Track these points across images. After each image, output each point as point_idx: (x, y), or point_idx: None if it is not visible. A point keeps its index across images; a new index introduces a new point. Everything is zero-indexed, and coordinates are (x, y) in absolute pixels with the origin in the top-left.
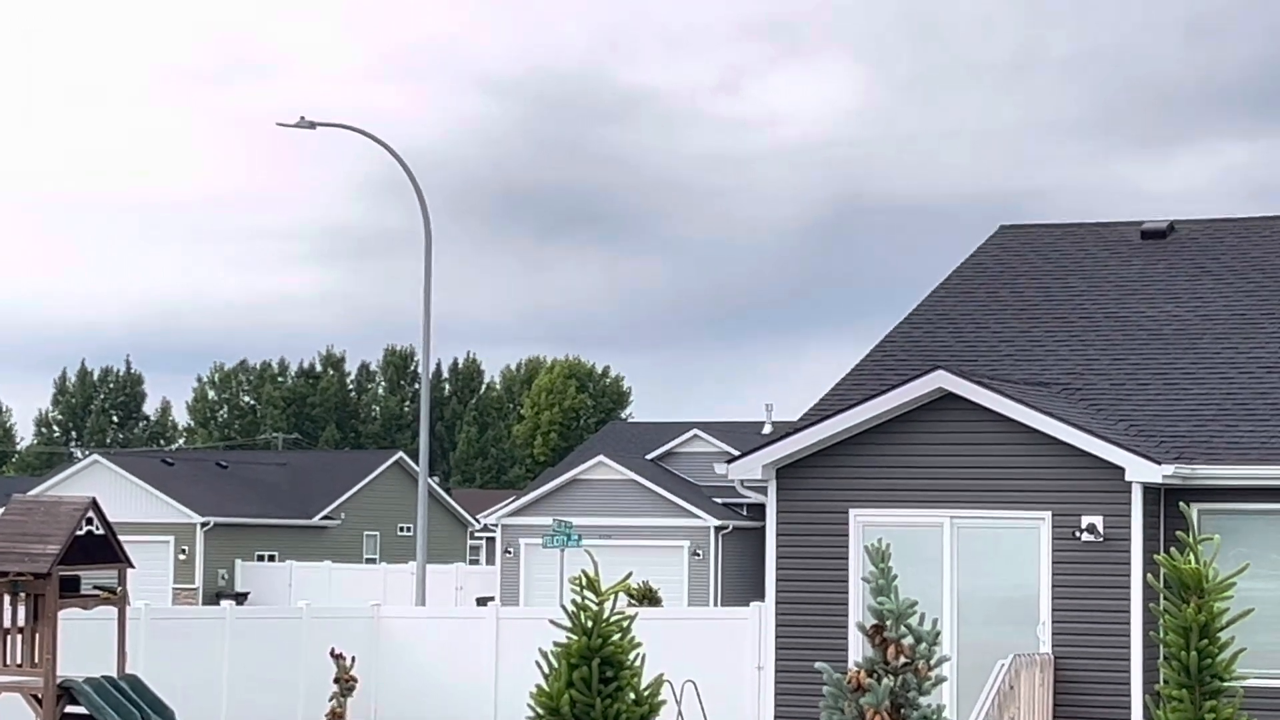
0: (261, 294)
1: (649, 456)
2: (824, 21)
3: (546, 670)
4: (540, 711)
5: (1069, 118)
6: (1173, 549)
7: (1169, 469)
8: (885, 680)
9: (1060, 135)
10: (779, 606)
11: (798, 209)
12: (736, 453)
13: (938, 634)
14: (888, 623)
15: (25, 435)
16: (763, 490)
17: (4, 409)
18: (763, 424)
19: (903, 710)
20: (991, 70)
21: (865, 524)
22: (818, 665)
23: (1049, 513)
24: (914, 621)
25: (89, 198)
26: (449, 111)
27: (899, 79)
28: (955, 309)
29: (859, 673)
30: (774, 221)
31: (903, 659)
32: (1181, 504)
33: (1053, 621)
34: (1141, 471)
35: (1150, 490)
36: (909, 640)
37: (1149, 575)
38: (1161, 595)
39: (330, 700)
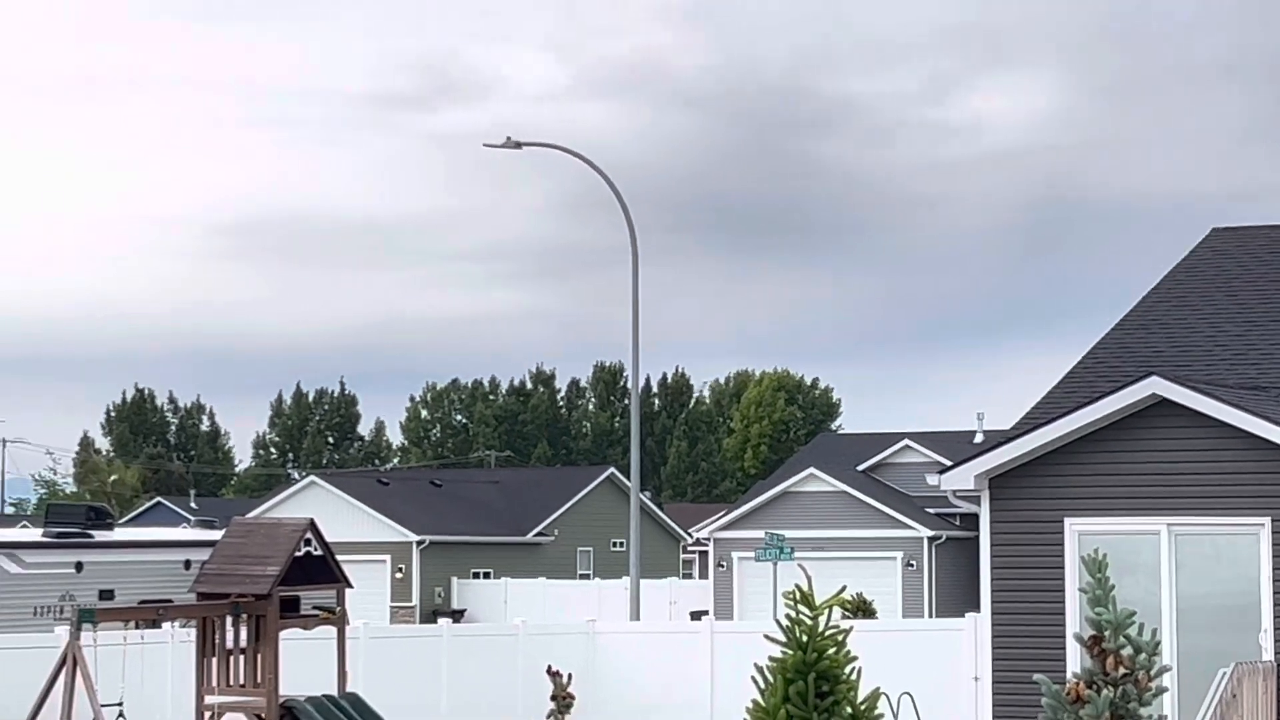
0: (472, 313)
1: (860, 468)
2: (1027, 27)
3: (762, 685)
4: None
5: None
6: None
7: None
8: (1105, 692)
9: (1272, 135)
10: (995, 617)
11: (1004, 215)
12: (948, 463)
13: (1157, 644)
14: (1106, 633)
15: (244, 458)
16: (975, 500)
17: (223, 432)
18: (974, 433)
19: None
20: (1200, 71)
21: (1080, 533)
22: (1036, 677)
23: (1269, 519)
24: (1133, 631)
25: (302, 222)
26: (654, 127)
27: (1105, 82)
28: (1168, 313)
29: (1078, 684)
30: (980, 228)
31: (1122, 670)
32: None
33: (1275, 629)
34: None
35: None
36: (1128, 651)
37: None
38: None
39: (548, 717)
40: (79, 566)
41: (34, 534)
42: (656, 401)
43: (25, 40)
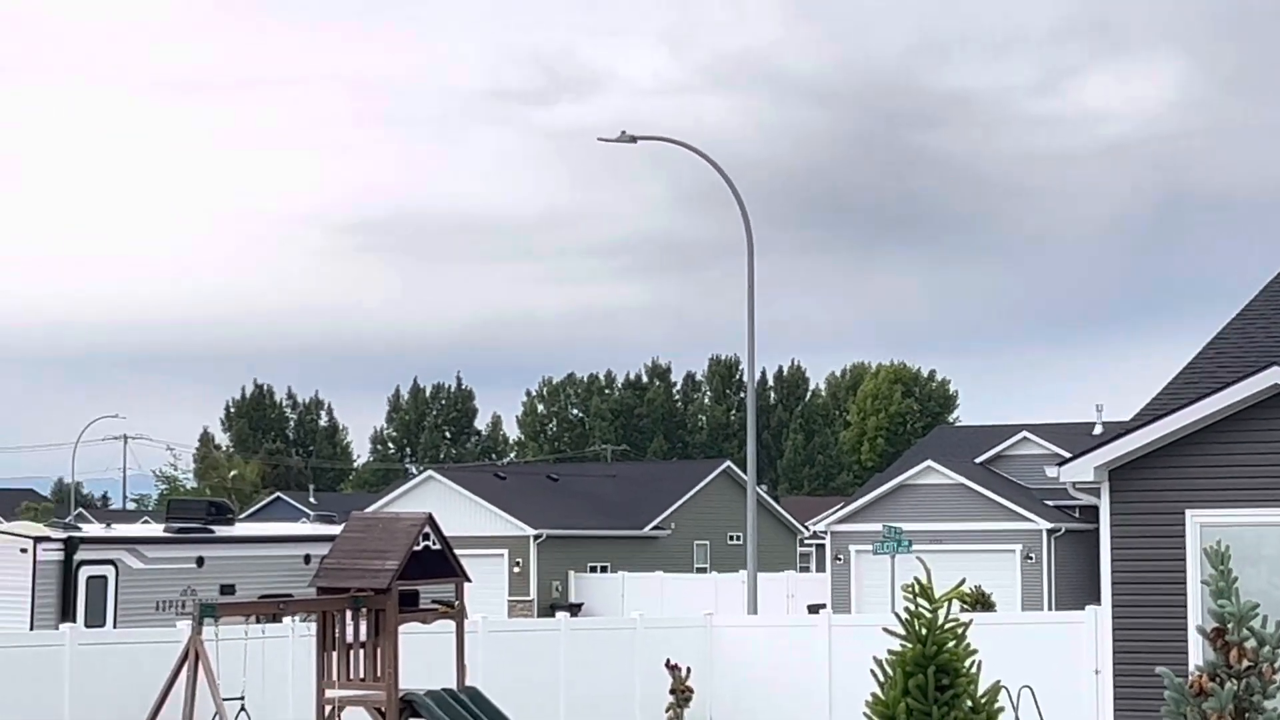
0: (587, 307)
1: (978, 460)
2: (1143, 17)
3: (881, 679)
4: None
5: None
6: None
7: None
8: (1228, 684)
9: None
10: (1115, 610)
11: (1121, 206)
12: (1067, 454)
13: None
14: (1229, 626)
15: (362, 453)
16: (1095, 492)
17: (341, 428)
18: (1093, 425)
19: (1247, 715)
20: None
21: (1202, 524)
22: (1159, 670)
23: None
24: (1256, 624)
25: (419, 218)
26: (770, 120)
27: (1222, 71)
28: None
29: (1201, 677)
30: (1097, 219)
31: (1245, 662)
32: None
33: None
34: None
35: None
36: (1251, 643)
37: None
38: None
39: (667, 712)
40: (200, 561)
41: (155, 529)
42: (773, 394)
43: (149, 39)
